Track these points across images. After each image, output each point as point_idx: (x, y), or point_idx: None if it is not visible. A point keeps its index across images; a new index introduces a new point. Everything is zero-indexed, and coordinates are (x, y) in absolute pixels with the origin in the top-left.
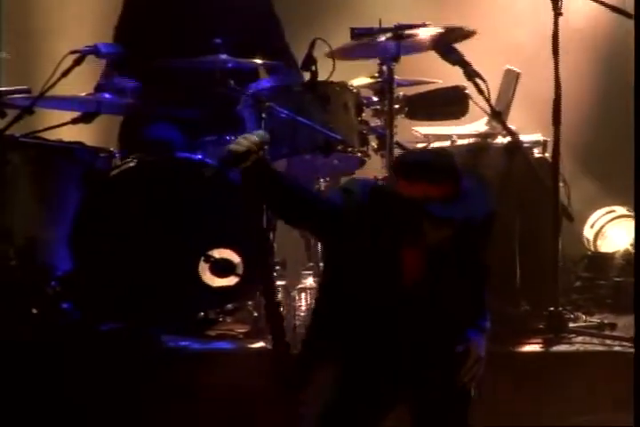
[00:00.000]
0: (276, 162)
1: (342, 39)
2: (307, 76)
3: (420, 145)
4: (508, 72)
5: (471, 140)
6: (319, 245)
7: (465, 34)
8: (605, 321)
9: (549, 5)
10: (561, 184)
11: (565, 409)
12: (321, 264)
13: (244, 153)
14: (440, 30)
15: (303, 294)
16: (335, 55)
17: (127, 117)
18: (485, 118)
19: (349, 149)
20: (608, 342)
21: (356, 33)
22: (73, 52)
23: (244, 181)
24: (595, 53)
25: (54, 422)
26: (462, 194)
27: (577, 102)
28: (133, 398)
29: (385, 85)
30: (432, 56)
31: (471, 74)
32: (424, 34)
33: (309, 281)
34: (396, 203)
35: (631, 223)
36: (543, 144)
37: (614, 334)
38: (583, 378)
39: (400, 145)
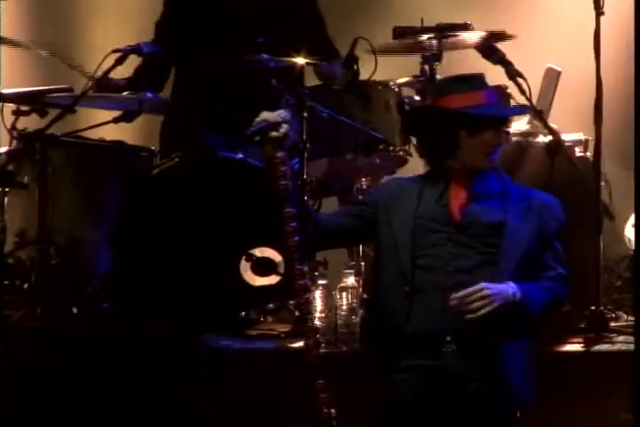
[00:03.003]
0: (317, 161)
1: (384, 38)
2: (348, 75)
3: None
4: (549, 71)
5: (513, 140)
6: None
7: (506, 37)
8: None
9: (591, 4)
10: (602, 183)
11: (606, 409)
12: (362, 263)
13: (276, 123)
14: (482, 33)
15: (344, 293)
16: (377, 53)
17: (168, 116)
18: (527, 117)
19: (391, 148)
20: None
21: (399, 32)
22: (115, 51)
23: (269, 149)
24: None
25: (92, 421)
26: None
27: (618, 101)
28: (175, 397)
29: (427, 84)
30: (474, 55)
31: (513, 73)
32: (465, 33)
33: (351, 280)
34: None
35: None
36: (584, 143)
37: None
38: (624, 378)
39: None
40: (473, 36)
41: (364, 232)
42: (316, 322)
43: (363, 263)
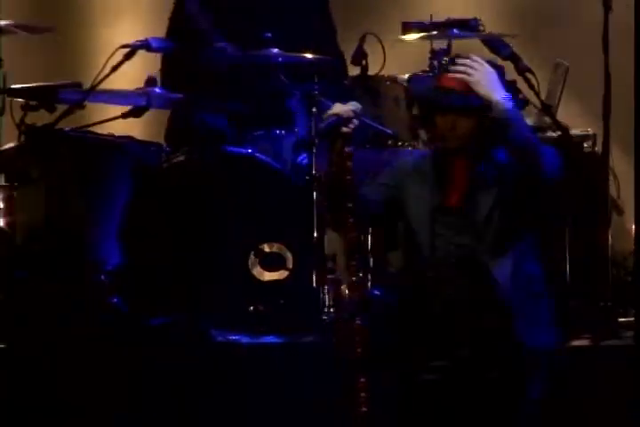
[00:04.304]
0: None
1: (393, 33)
2: (357, 70)
3: None
4: (558, 66)
5: None
6: (369, 238)
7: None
8: None
9: (600, 0)
10: (611, 178)
11: (615, 403)
12: (371, 258)
13: (347, 118)
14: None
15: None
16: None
17: (174, 111)
18: (535, 112)
19: (400, 144)
20: None
21: (407, 27)
22: (123, 47)
23: (338, 144)
24: None
25: (96, 412)
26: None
27: (627, 96)
28: (183, 391)
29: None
30: (483, 51)
31: (522, 68)
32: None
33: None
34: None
35: None
36: (593, 138)
37: None
38: (633, 372)
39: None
40: (480, 27)
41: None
42: (325, 316)
43: (371, 259)
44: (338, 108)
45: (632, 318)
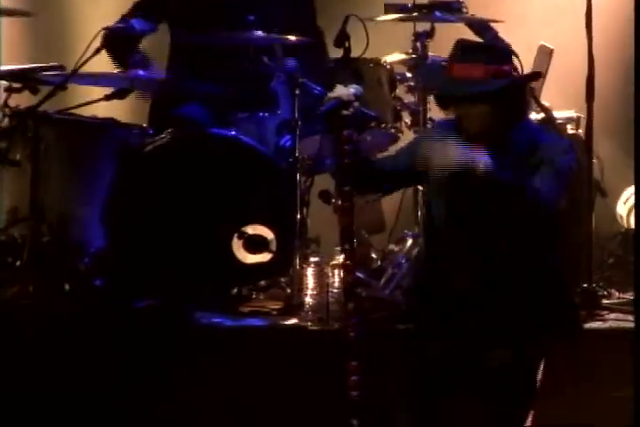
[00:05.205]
0: (310, 138)
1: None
2: (340, 52)
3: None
4: (542, 48)
5: None
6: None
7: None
8: None
9: None
10: (594, 160)
11: (598, 385)
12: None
13: (348, 102)
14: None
15: (337, 271)
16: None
17: (158, 94)
18: None
19: (382, 126)
20: None
21: (390, 9)
22: (106, 29)
23: (336, 127)
24: (629, 30)
25: (82, 395)
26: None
27: (610, 78)
28: (166, 374)
29: (419, 62)
30: (467, 33)
31: None
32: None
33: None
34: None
35: None
36: (576, 120)
37: None
38: (616, 354)
39: (433, 121)
40: (465, 15)
41: (414, 174)
42: (308, 299)
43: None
44: (339, 90)
45: (615, 301)
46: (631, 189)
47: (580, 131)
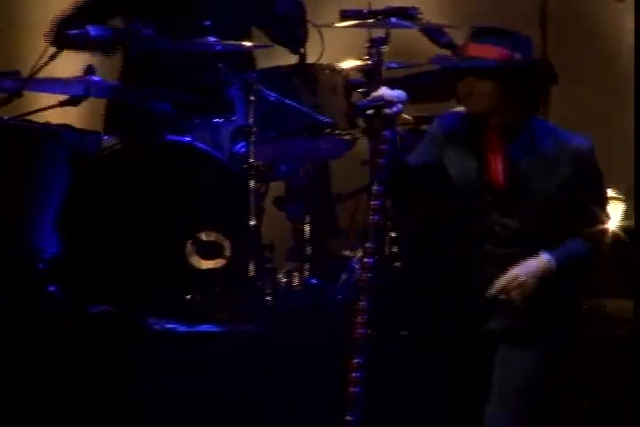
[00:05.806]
0: (264, 145)
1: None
2: (295, 58)
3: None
4: None
5: None
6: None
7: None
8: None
9: None
10: None
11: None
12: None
13: (391, 102)
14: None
15: (290, 277)
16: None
17: (112, 100)
18: None
19: (337, 132)
20: None
21: (345, 15)
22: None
23: (377, 125)
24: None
25: (41, 402)
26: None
27: (572, 67)
28: (120, 380)
29: (374, 68)
30: (422, 39)
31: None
32: (413, 17)
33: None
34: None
35: (618, 206)
36: None
37: None
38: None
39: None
40: (419, 16)
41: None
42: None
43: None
44: (384, 90)
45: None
46: None
47: None
